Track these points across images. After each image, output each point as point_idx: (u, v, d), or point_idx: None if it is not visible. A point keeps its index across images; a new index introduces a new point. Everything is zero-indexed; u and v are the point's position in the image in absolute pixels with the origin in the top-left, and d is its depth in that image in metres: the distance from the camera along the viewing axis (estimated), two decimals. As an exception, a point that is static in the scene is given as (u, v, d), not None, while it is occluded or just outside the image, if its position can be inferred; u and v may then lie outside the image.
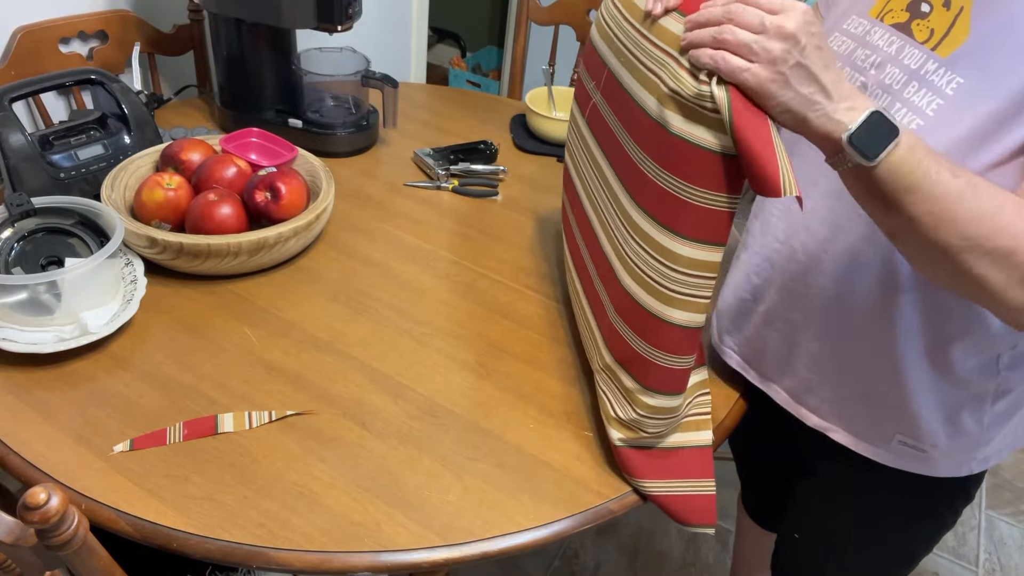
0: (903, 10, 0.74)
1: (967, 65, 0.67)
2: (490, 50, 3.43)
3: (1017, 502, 1.94)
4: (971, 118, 0.65)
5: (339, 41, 1.39)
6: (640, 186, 0.74)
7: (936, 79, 0.68)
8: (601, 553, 1.68)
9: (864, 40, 0.77)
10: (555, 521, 0.77)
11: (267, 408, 0.86)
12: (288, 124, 1.37)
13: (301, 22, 1.26)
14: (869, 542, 0.93)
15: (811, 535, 0.99)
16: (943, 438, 0.81)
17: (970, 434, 0.81)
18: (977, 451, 0.83)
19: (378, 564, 0.72)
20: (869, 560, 0.95)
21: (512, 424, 0.86)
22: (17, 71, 1.31)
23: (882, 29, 0.75)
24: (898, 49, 0.73)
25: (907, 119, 0.70)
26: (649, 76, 0.72)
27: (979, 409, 0.80)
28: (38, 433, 0.80)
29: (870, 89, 0.74)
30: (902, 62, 0.72)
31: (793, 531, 1.01)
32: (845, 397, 0.84)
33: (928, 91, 0.69)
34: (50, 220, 0.96)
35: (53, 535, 0.58)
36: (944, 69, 0.68)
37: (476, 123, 1.56)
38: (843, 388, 0.84)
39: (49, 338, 0.87)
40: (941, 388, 0.78)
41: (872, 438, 0.84)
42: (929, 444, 0.82)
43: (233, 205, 1.03)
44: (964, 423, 0.80)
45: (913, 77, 0.71)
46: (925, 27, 0.71)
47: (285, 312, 1.00)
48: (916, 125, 0.69)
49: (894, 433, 0.82)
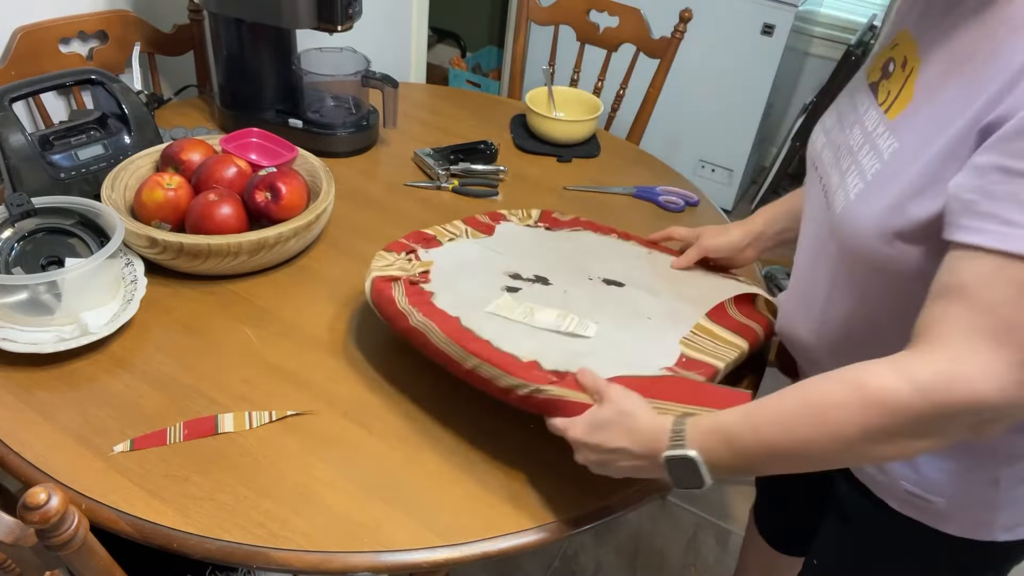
0: (878, 69, 0.75)
1: (906, 129, 0.67)
2: (490, 50, 3.43)
3: (1017, 502, 1.94)
4: (895, 186, 0.65)
5: (339, 41, 1.39)
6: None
7: (881, 142, 0.69)
8: (601, 553, 1.68)
9: (854, 100, 0.78)
10: (555, 521, 0.77)
11: (267, 408, 0.86)
12: (288, 124, 1.37)
13: (301, 22, 1.26)
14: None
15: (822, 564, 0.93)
16: (948, 490, 0.74)
17: (983, 493, 0.74)
18: (997, 514, 0.75)
19: (378, 564, 0.72)
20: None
21: (512, 424, 0.86)
22: (17, 71, 1.31)
23: (863, 88, 0.77)
24: (864, 110, 0.74)
25: (852, 181, 0.71)
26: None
27: (989, 467, 0.73)
28: (38, 433, 0.80)
29: (841, 149, 0.76)
30: (863, 124, 0.73)
31: (812, 558, 0.94)
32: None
33: (873, 155, 0.69)
34: (50, 220, 0.96)
35: (53, 535, 0.58)
36: (888, 133, 0.69)
37: (476, 123, 1.56)
38: None
39: (49, 338, 0.87)
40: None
41: (883, 479, 0.79)
42: (935, 495, 0.75)
43: (233, 205, 1.03)
44: (973, 478, 0.74)
45: (867, 140, 0.71)
46: (885, 88, 0.72)
47: (285, 312, 1.00)
48: (858, 190, 0.69)
49: (899, 479, 0.77)
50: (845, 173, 0.72)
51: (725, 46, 2.46)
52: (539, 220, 1.16)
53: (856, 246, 0.69)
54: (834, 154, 0.77)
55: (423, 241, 1.06)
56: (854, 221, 0.68)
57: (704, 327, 0.91)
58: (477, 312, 0.89)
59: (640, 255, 1.08)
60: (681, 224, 1.13)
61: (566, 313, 0.90)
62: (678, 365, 0.84)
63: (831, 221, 0.73)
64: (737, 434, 0.65)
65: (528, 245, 1.09)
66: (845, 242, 0.71)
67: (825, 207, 0.76)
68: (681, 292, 0.99)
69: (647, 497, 0.82)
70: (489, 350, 0.82)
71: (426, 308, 0.88)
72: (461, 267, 1.00)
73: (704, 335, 0.90)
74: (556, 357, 0.82)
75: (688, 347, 0.87)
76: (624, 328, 0.90)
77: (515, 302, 0.92)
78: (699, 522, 1.78)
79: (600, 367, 0.79)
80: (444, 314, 0.87)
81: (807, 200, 0.85)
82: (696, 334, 0.90)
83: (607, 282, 1.00)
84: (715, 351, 0.88)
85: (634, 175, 1.44)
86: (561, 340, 0.86)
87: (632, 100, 1.91)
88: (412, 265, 0.99)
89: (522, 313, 0.90)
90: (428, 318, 0.85)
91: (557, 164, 1.45)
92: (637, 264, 1.06)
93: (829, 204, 0.75)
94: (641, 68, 1.81)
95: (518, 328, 0.87)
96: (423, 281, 0.95)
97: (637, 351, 0.86)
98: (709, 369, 0.84)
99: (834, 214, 0.72)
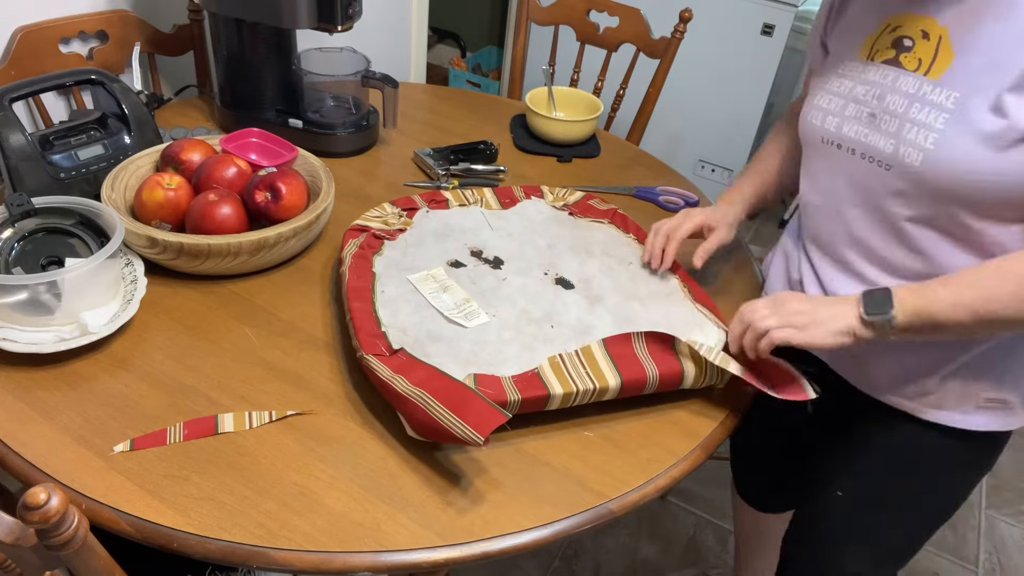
0: (889, 47, 0.88)
1: (960, 79, 0.80)
2: (490, 50, 3.43)
3: (1017, 502, 1.94)
4: (978, 116, 0.78)
5: (339, 41, 1.39)
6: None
7: (935, 97, 0.82)
8: (601, 553, 1.68)
9: (861, 78, 0.90)
10: (555, 521, 0.77)
11: (267, 408, 0.86)
12: (288, 124, 1.37)
13: (301, 22, 1.26)
14: (917, 499, 0.99)
15: (856, 498, 1.01)
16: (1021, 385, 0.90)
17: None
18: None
19: (378, 564, 0.72)
20: (916, 515, 1.00)
21: (512, 424, 0.86)
22: (17, 71, 1.31)
23: (874, 66, 0.89)
24: (893, 79, 0.86)
25: (920, 136, 0.82)
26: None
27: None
28: (38, 433, 0.80)
29: (879, 117, 0.87)
30: (900, 89, 0.85)
31: (835, 488, 1.03)
32: (923, 371, 0.92)
33: (931, 109, 0.82)
34: (50, 220, 0.96)
35: (53, 535, 0.58)
36: (939, 89, 0.82)
37: (476, 123, 1.56)
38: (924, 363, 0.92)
39: (49, 338, 0.87)
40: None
41: (956, 405, 0.92)
42: (1012, 393, 0.90)
43: (233, 205, 1.03)
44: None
45: (914, 100, 0.83)
46: (913, 58, 0.85)
47: (285, 312, 1.00)
48: (932, 139, 0.81)
49: (979, 391, 0.90)
50: (899, 133, 0.84)
51: (725, 46, 2.46)
52: (572, 204, 1.22)
53: (955, 181, 0.80)
54: (867, 127, 0.88)
55: (431, 201, 1.17)
56: (947, 159, 0.80)
57: (589, 351, 0.90)
58: (399, 276, 1.00)
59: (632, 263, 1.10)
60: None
61: (469, 300, 0.97)
62: (518, 378, 0.85)
63: (908, 175, 0.83)
64: (928, 284, 0.81)
65: (526, 227, 1.16)
66: (939, 179, 0.81)
67: (883, 168, 0.86)
68: (620, 310, 1.00)
69: (647, 497, 0.82)
70: (364, 310, 0.92)
71: (358, 263, 1.01)
72: (435, 234, 1.12)
73: (581, 357, 0.89)
74: (414, 336, 0.91)
75: (552, 363, 0.88)
76: (515, 329, 0.95)
77: (433, 278, 1.00)
78: (699, 522, 1.78)
79: (443, 360, 0.88)
80: (368, 271, 1.00)
81: (833, 175, 0.94)
82: (573, 354, 0.89)
83: (558, 281, 1.04)
84: (575, 374, 0.86)
85: (634, 175, 1.44)
86: (438, 323, 0.94)
87: (632, 100, 1.91)
88: (399, 221, 1.12)
89: (431, 289, 0.98)
90: (351, 271, 0.99)
91: (557, 164, 1.45)
92: (617, 271, 1.07)
93: (891, 163, 0.85)
94: (641, 68, 1.81)
95: (414, 301, 0.97)
96: (389, 237, 1.08)
97: (498, 353, 0.90)
98: (543, 392, 0.84)
99: (912, 167, 0.83)
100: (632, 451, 0.86)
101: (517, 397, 0.82)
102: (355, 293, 0.95)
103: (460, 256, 1.07)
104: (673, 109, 2.56)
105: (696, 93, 2.57)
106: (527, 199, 1.22)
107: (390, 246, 1.07)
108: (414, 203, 1.17)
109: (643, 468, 0.84)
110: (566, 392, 0.84)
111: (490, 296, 1.00)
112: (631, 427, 0.89)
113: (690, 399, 0.93)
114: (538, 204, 1.22)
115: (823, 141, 0.94)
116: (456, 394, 0.78)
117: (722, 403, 0.93)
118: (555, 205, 1.21)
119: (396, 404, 0.82)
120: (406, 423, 0.81)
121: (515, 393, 0.83)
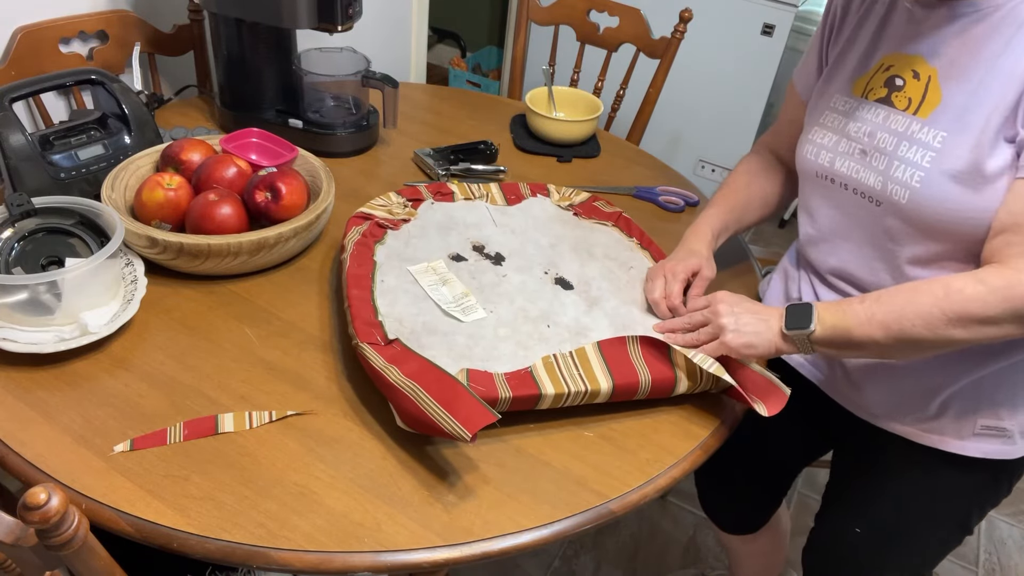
0: (882, 86, 0.90)
1: (947, 120, 0.83)
2: (490, 50, 3.43)
3: (1017, 502, 1.94)
4: (962, 155, 0.81)
5: (339, 41, 1.39)
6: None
7: (923, 136, 0.84)
8: (601, 553, 1.68)
9: (854, 115, 0.92)
10: (555, 521, 0.77)
11: (267, 408, 0.86)
12: (288, 124, 1.37)
13: (301, 22, 1.26)
14: (934, 522, 0.99)
15: (872, 521, 1.02)
16: (1018, 413, 0.91)
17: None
18: None
19: (378, 564, 0.72)
20: (932, 538, 1.01)
21: (512, 424, 0.86)
22: (17, 71, 1.31)
23: (868, 104, 0.91)
24: (884, 118, 0.89)
25: (907, 174, 0.84)
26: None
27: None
28: (38, 433, 0.80)
29: (869, 154, 0.89)
30: (890, 128, 0.88)
31: (854, 526, 1.04)
32: (914, 396, 0.93)
33: (919, 147, 0.84)
34: (50, 220, 0.96)
35: (53, 535, 0.58)
36: (927, 128, 0.84)
37: (476, 123, 1.56)
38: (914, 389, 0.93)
39: (49, 338, 0.87)
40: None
41: (954, 432, 0.92)
42: (1007, 420, 0.91)
43: (233, 205, 1.03)
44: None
45: (903, 138, 0.86)
46: (903, 97, 0.88)
47: (285, 312, 1.00)
48: (918, 177, 0.83)
49: (975, 420, 0.91)
50: (887, 171, 0.86)
51: (725, 46, 2.46)
52: (578, 204, 1.22)
53: (940, 218, 0.83)
54: (858, 163, 0.90)
55: (436, 193, 1.18)
56: (933, 197, 0.82)
57: (583, 352, 0.89)
58: (400, 266, 1.00)
59: (633, 267, 1.09)
60: (680, 224, 1.15)
61: (467, 294, 0.97)
62: (510, 375, 0.85)
63: (897, 211, 0.86)
64: (848, 300, 0.85)
65: (530, 225, 1.16)
66: (924, 217, 0.84)
67: (873, 203, 0.89)
68: (618, 314, 0.99)
69: (647, 497, 0.82)
70: (363, 298, 0.93)
71: (359, 250, 1.01)
72: (438, 226, 1.11)
73: (575, 359, 0.89)
74: (410, 327, 0.92)
75: (545, 363, 0.88)
76: (511, 327, 0.95)
77: (433, 270, 0.99)
78: (699, 522, 1.78)
79: (437, 353, 0.88)
80: (369, 260, 1.00)
81: (828, 207, 0.96)
82: (568, 355, 0.89)
83: (557, 281, 1.04)
84: (567, 375, 0.86)
85: (634, 175, 1.44)
86: (435, 315, 0.94)
87: (632, 100, 1.91)
88: (404, 211, 1.12)
89: (430, 281, 0.98)
90: (352, 259, 0.99)
91: (557, 164, 1.45)
92: (617, 275, 1.07)
93: (880, 200, 0.88)
94: (641, 68, 1.81)
95: (413, 292, 0.97)
96: (392, 227, 1.08)
97: (493, 350, 0.90)
98: (535, 391, 0.84)
99: (899, 204, 0.85)
100: (632, 451, 0.86)
101: (508, 395, 0.82)
102: (354, 281, 0.96)
103: (462, 250, 1.07)
104: (673, 109, 2.56)
105: (696, 93, 2.57)
106: (533, 196, 1.22)
107: (393, 236, 1.07)
108: (419, 194, 1.17)
109: (643, 468, 0.84)
110: (557, 392, 0.84)
111: (489, 292, 1.00)
112: (631, 427, 0.89)
113: (690, 399, 0.93)
114: (543, 202, 1.21)
115: (818, 176, 0.96)
116: (447, 389, 0.78)
117: (722, 404, 0.93)
118: (560, 204, 1.21)
119: (387, 394, 0.82)
120: (396, 414, 0.82)
121: (507, 390, 0.83)
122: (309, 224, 1.05)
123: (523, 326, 0.95)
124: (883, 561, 1.02)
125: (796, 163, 1.00)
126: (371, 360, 0.84)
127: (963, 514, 0.99)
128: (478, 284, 1.01)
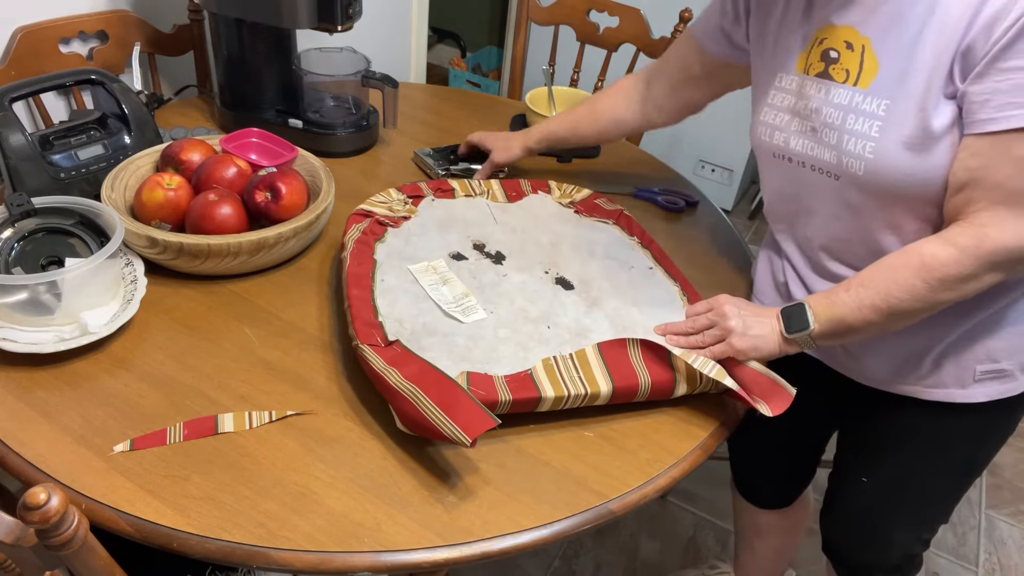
0: (819, 61, 0.90)
1: (888, 87, 0.83)
2: (490, 50, 3.43)
3: (1017, 502, 1.94)
4: (909, 122, 0.82)
5: (339, 41, 1.39)
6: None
7: (867, 107, 0.85)
8: (601, 553, 1.68)
9: (800, 92, 0.92)
10: (555, 521, 0.77)
11: (267, 408, 0.86)
12: (288, 124, 1.37)
13: (301, 22, 1.26)
14: (941, 474, 1.02)
15: (881, 478, 1.05)
16: (1018, 353, 0.92)
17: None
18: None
19: (378, 564, 0.72)
20: (946, 484, 1.04)
21: (512, 424, 0.86)
22: (17, 71, 1.31)
23: (810, 80, 0.91)
24: (826, 92, 0.89)
25: (859, 146, 0.85)
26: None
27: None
28: (38, 433, 0.80)
29: (819, 131, 0.89)
30: (833, 102, 0.88)
31: (860, 476, 1.07)
32: (910, 354, 0.94)
33: (865, 118, 0.85)
34: (50, 220, 0.96)
35: (53, 535, 0.58)
36: (870, 97, 0.84)
37: (476, 123, 1.56)
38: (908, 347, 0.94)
39: (49, 338, 0.87)
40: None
41: (956, 383, 0.94)
42: (1006, 360, 0.92)
43: (233, 205, 1.03)
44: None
45: (848, 111, 0.86)
46: (841, 69, 0.88)
47: (285, 312, 1.00)
48: (870, 148, 0.84)
49: (974, 367, 0.92)
50: (839, 145, 0.87)
51: (725, 46, 2.45)
52: (579, 202, 1.21)
53: (897, 185, 0.84)
54: (811, 140, 0.91)
55: (436, 190, 1.17)
56: (888, 166, 0.83)
57: (583, 354, 0.89)
58: (400, 265, 1.00)
59: (633, 267, 1.09)
60: (680, 224, 1.17)
61: (468, 294, 0.97)
62: (510, 378, 0.85)
63: (856, 183, 0.87)
64: (834, 290, 0.87)
65: (531, 223, 1.16)
66: (883, 184, 0.85)
67: (832, 178, 0.90)
68: (618, 315, 0.99)
69: (647, 497, 0.82)
70: (363, 298, 0.92)
71: (359, 248, 1.01)
72: (438, 223, 1.11)
73: (575, 361, 0.88)
74: (410, 328, 0.91)
75: (545, 365, 0.87)
76: (511, 328, 0.94)
77: (434, 269, 0.99)
78: (699, 522, 1.78)
79: (437, 354, 0.88)
80: (369, 258, 1.00)
81: (790, 184, 0.96)
82: (568, 357, 0.89)
83: (558, 281, 1.04)
84: (567, 378, 0.86)
85: (634, 175, 1.44)
86: (435, 316, 0.94)
87: (632, 100, 1.90)
88: (404, 208, 1.11)
89: (431, 281, 0.97)
90: (352, 257, 0.99)
91: (557, 164, 1.45)
92: (618, 275, 1.07)
93: (838, 174, 0.88)
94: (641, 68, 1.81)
95: (413, 292, 0.96)
96: (392, 224, 1.08)
97: (493, 351, 0.90)
98: (535, 394, 0.83)
99: (857, 176, 0.86)
100: (632, 451, 0.86)
101: (508, 397, 0.82)
102: (355, 280, 0.95)
103: (462, 248, 1.07)
104: (673, 109, 2.56)
105: (696, 93, 2.57)
106: (534, 193, 1.22)
107: (393, 233, 1.07)
108: (420, 191, 1.16)
109: (643, 468, 0.84)
110: (557, 396, 0.84)
111: (489, 292, 1.00)
112: (631, 427, 0.89)
113: (690, 400, 0.93)
114: (544, 200, 1.21)
115: (775, 156, 0.97)
116: (448, 393, 0.78)
117: (722, 404, 0.93)
118: (561, 202, 1.21)
119: (388, 397, 0.82)
120: (396, 417, 0.81)
121: (506, 393, 0.82)
122: (309, 224, 1.05)
123: (523, 327, 0.95)
124: (894, 513, 1.05)
125: (751, 142, 1.01)
126: (371, 362, 0.84)
127: (969, 459, 1.01)
128: (478, 284, 1.01)
